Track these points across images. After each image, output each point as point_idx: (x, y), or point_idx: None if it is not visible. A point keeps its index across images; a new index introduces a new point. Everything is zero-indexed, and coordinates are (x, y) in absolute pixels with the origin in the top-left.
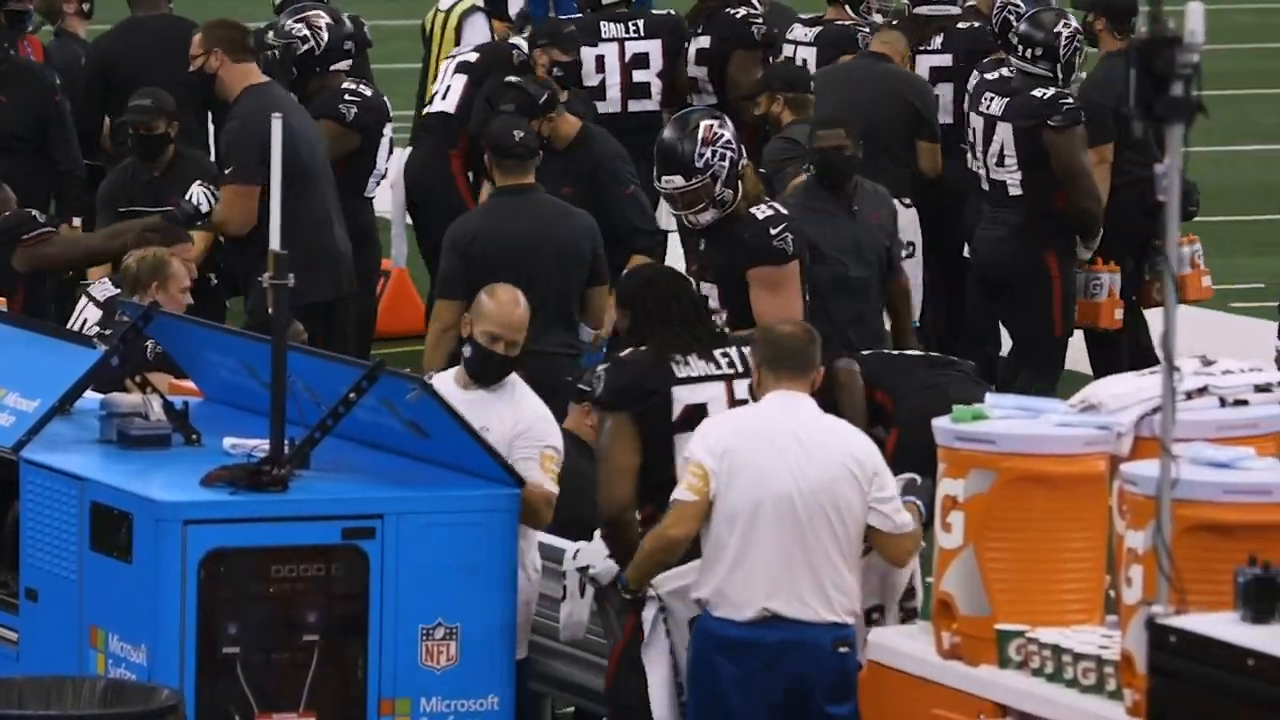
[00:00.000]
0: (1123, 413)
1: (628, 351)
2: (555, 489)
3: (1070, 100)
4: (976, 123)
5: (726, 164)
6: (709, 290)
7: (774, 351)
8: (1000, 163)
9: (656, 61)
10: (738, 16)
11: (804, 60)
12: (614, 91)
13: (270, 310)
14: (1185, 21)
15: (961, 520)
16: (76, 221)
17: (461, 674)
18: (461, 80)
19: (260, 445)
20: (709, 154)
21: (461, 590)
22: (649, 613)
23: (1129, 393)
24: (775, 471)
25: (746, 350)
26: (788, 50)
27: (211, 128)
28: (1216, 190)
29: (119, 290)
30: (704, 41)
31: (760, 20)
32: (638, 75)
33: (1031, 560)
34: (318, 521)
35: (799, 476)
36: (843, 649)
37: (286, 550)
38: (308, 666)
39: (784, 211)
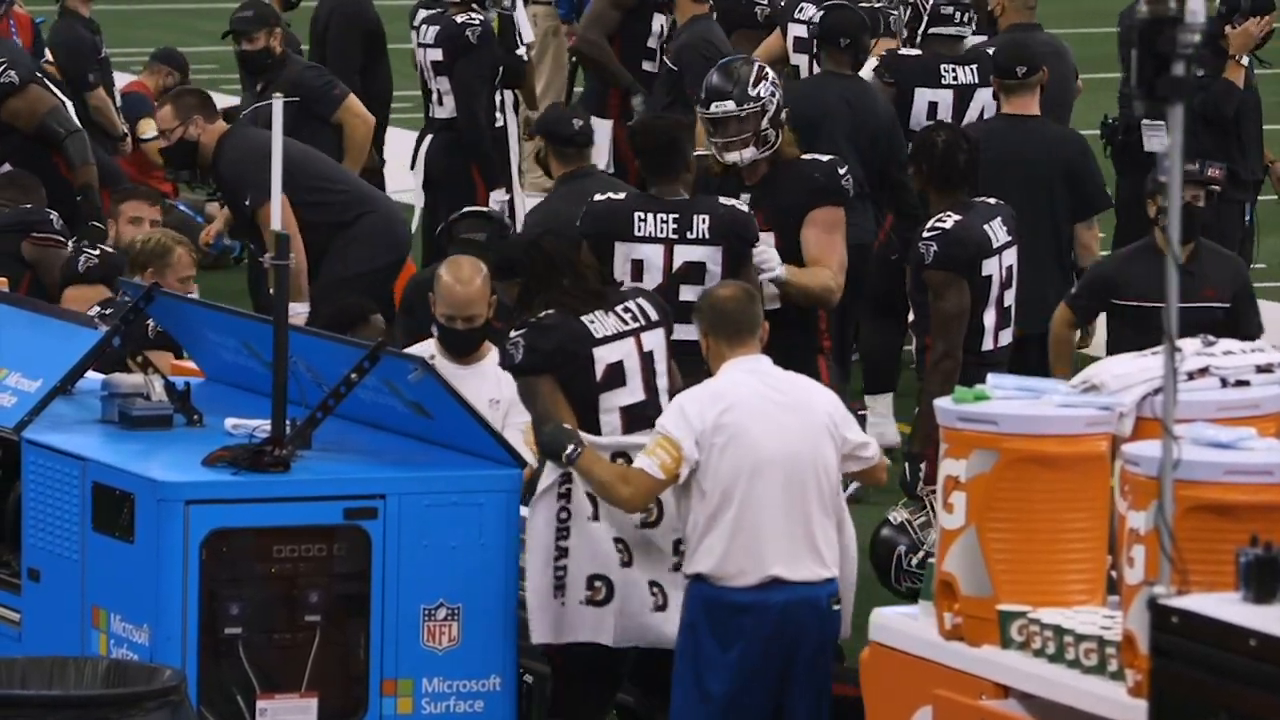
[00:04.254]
0: (1124, 393)
1: (545, 315)
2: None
3: None
4: None
5: (775, 102)
6: (765, 239)
7: (721, 319)
8: None
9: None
10: None
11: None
12: None
13: (272, 290)
14: (1186, 1)
15: (963, 501)
16: None
17: (463, 655)
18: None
19: (262, 425)
20: (762, 87)
21: (463, 571)
22: (550, 475)
23: (1131, 373)
24: (764, 439)
25: (643, 301)
26: (798, 31)
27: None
28: None
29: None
30: None
31: (764, 2)
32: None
33: (1033, 541)
34: (320, 502)
35: (787, 441)
36: (835, 606)
37: (288, 530)
38: (309, 647)
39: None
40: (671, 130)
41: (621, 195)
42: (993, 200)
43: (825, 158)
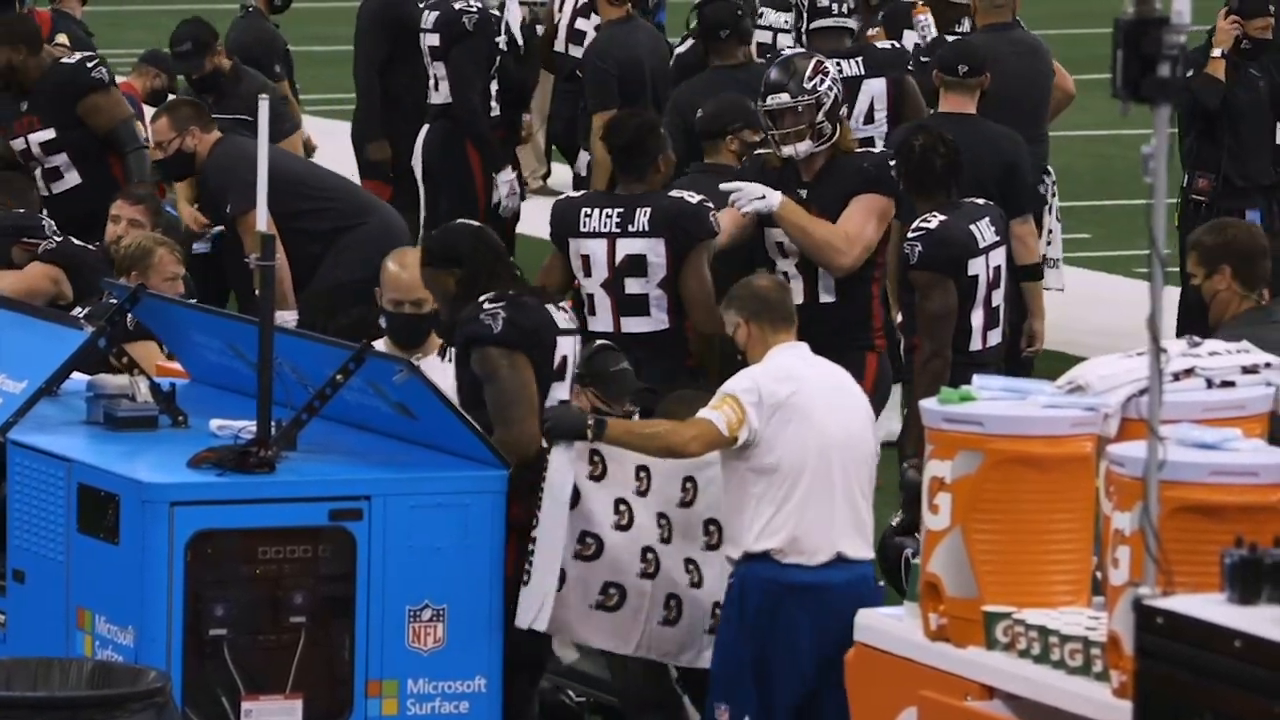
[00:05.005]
0: (1110, 394)
1: (520, 294)
2: None
3: None
4: None
5: (832, 96)
6: None
7: (763, 306)
8: None
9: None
10: None
11: (785, 47)
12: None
13: (257, 291)
14: (1171, 1)
15: (949, 502)
16: None
17: (448, 656)
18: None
19: (247, 427)
20: (818, 80)
21: (449, 572)
22: (566, 470)
23: (1116, 374)
24: (827, 421)
25: (565, 305)
26: (762, 36)
27: None
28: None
29: None
30: None
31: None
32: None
33: (1019, 542)
34: (305, 503)
35: (845, 424)
36: (881, 583)
37: (273, 532)
38: (294, 648)
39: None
40: (640, 129)
41: (579, 193)
42: (981, 200)
43: (877, 150)
